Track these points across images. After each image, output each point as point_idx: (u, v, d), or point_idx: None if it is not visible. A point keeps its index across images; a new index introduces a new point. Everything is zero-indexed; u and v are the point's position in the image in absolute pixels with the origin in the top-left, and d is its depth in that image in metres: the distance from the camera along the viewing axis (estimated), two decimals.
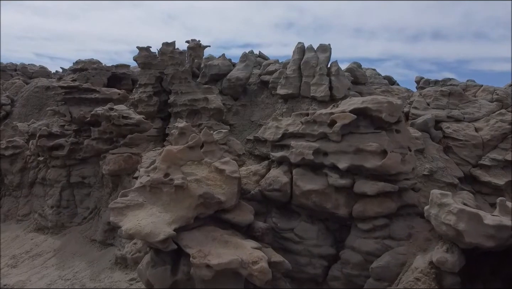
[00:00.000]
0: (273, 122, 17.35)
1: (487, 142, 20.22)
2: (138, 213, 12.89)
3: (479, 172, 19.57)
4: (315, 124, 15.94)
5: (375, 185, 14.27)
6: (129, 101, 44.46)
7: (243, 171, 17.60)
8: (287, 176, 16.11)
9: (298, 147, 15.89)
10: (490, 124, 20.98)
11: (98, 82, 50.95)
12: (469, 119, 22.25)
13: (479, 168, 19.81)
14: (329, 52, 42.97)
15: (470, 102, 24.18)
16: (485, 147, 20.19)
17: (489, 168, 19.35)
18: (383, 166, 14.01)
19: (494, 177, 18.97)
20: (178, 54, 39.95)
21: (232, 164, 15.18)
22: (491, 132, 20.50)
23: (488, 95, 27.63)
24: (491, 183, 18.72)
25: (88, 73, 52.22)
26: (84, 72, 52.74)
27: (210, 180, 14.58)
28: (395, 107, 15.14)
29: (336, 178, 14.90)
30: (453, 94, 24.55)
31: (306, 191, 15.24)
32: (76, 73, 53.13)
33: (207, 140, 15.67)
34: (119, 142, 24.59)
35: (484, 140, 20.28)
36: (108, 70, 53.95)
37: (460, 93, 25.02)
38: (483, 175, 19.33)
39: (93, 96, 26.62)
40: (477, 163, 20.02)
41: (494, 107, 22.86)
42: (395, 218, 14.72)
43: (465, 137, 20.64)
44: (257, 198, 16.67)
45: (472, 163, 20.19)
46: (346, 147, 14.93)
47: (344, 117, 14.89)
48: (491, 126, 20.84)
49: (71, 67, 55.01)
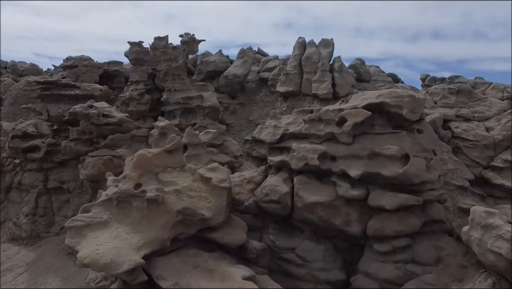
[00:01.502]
0: (271, 121, 14.73)
1: (498, 142, 19.53)
2: (100, 234, 10.27)
3: (491, 174, 18.72)
4: (321, 123, 13.32)
5: (394, 197, 11.64)
6: (120, 100, 42.15)
7: (235, 178, 14.98)
8: (287, 185, 13.48)
9: (300, 149, 13.27)
10: (501, 124, 20.26)
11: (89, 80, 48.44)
12: (479, 119, 21.52)
13: (490, 170, 18.97)
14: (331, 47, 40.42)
15: (480, 101, 23.32)
16: (496, 148, 19.49)
17: (501, 170, 18.61)
18: (405, 173, 11.39)
19: (507, 179, 18.08)
20: (171, 49, 37.44)
21: (221, 171, 12.56)
22: (503, 132, 19.86)
23: (498, 93, 26.69)
24: (503, 185, 18.01)
25: (78, 71, 49.71)
26: (74, 69, 50.34)
27: (193, 190, 11.97)
28: (417, 103, 12.52)
29: (346, 188, 12.27)
30: (462, 92, 23.66)
31: (310, 204, 12.60)
32: (66, 70, 50.72)
33: (192, 142, 13.06)
34: (99, 144, 21.96)
35: (496, 141, 19.57)
36: (100, 67, 51.42)
37: (469, 91, 23.98)
38: (495, 177, 18.48)
39: (73, 92, 24.02)
40: (489, 165, 19.15)
41: (505, 105, 22.10)
42: (419, 237, 12.09)
43: (476, 138, 19.79)
44: (252, 211, 14.06)
45: (483, 165, 19.29)
46: (358, 150, 12.30)
47: (356, 114, 12.26)
48: (503, 125, 20.15)
49: (61, 64, 52.55)
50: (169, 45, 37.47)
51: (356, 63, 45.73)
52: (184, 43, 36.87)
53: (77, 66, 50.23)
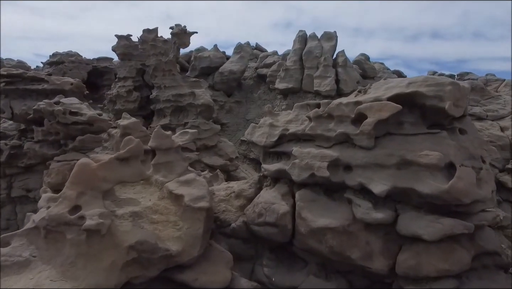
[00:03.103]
0: (267, 119, 11.47)
1: None
2: (16, 281, 7.05)
3: (507, 178, 17.97)
4: (331, 121, 10.09)
5: (436, 223, 8.39)
6: (107, 98, 39.13)
7: (220, 191, 11.74)
8: (286, 202, 10.23)
9: (304, 156, 10.03)
10: None
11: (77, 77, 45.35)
12: (493, 118, 20.78)
13: (506, 173, 18.20)
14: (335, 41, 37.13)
15: (493, 98, 22.32)
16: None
17: None
18: (451, 190, 8.14)
19: None
20: (161, 42, 34.30)
21: (198, 185, 9.33)
22: None
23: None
24: None
25: (65, 67, 46.71)
26: (60, 65, 47.28)
27: (158, 212, 8.75)
28: (462, 93, 9.28)
29: (367, 209, 9.03)
30: (474, 89, 22.10)
31: (317, 229, 9.35)
32: (52, 66, 47.66)
33: (161, 145, 9.84)
34: (68, 146, 18.80)
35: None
36: (88, 63, 48.36)
37: (481, 88, 22.85)
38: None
39: (41, 87, 20.86)
40: (504, 167, 18.43)
41: None
42: (466, 276, 8.83)
43: (490, 138, 18.85)
44: (241, 235, 10.82)
45: (499, 167, 18.51)
46: (383, 157, 9.07)
47: (380, 109, 9.02)
48: None
49: (47, 60, 49.47)
50: (159, 38, 34.35)
51: (361, 59, 42.69)
52: (174, 35, 33.77)
53: (63, 62, 47.21)
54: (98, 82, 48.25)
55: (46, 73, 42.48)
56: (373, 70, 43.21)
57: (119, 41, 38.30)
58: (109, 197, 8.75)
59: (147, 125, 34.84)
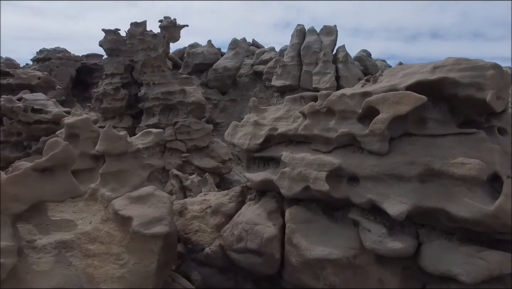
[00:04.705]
0: (251, 116, 9.16)
1: None
2: None
3: None
4: (332, 117, 7.77)
5: (476, 259, 6.05)
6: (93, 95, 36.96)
7: (195, 205, 9.40)
8: (274, 223, 7.90)
9: (296, 163, 7.71)
10: None
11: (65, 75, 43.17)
12: None
13: None
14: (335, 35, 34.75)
15: None
16: None
17: None
18: (499, 213, 5.84)
19: None
20: (150, 36, 32.04)
21: (156, 202, 7.01)
22: None
23: None
24: None
25: (51, 64, 44.42)
26: (47, 62, 45.03)
27: (98, 240, 6.45)
28: (505, 81, 6.99)
29: (379, 235, 6.71)
30: None
31: (313, 260, 7.03)
32: (39, 63, 45.44)
33: (111, 150, 7.52)
34: (31, 149, 16.55)
35: None
36: (77, 60, 46.06)
37: None
38: None
39: (5, 81, 18.57)
40: None
41: None
42: None
43: None
44: (217, 262, 8.51)
45: None
46: (402, 166, 6.75)
47: (398, 101, 6.70)
48: None
49: (34, 57, 47.25)
50: (148, 32, 32.12)
51: (362, 55, 40.53)
52: (163, 28, 31.51)
53: (50, 59, 44.99)
54: (88, 80, 46.02)
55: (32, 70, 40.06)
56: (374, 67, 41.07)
57: (106, 35, 36.16)
58: (33, 218, 6.45)
59: (137, 125, 32.64)
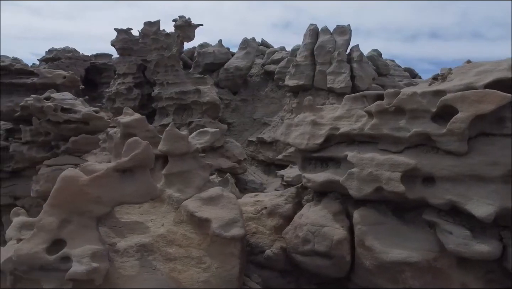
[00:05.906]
0: (307, 115, 8.97)
1: None
2: None
3: None
4: (402, 117, 7.64)
5: None
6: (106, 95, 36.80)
7: (247, 206, 9.24)
8: (341, 224, 7.73)
9: (365, 163, 7.57)
10: None
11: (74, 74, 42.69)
12: None
13: None
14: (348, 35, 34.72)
15: None
16: None
17: None
18: None
19: None
20: (163, 36, 31.93)
21: (227, 203, 6.86)
22: None
23: None
24: None
25: (61, 63, 44.13)
26: (56, 62, 44.75)
27: (175, 244, 6.28)
28: None
29: (462, 237, 6.59)
30: None
31: (391, 263, 6.90)
32: (48, 63, 45.14)
33: (175, 150, 7.36)
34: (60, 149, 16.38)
35: None
36: (86, 60, 45.81)
37: None
38: None
39: (30, 81, 18.41)
40: None
41: None
42: None
43: None
44: (279, 265, 8.35)
45: None
46: (483, 166, 6.61)
47: (480, 99, 6.59)
48: None
49: (43, 56, 46.94)
50: (161, 32, 32.03)
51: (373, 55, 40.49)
52: (178, 28, 31.28)
53: (59, 59, 44.71)
54: (97, 79, 45.79)
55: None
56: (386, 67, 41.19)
57: (118, 35, 36.06)
58: (105, 221, 6.25)
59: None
